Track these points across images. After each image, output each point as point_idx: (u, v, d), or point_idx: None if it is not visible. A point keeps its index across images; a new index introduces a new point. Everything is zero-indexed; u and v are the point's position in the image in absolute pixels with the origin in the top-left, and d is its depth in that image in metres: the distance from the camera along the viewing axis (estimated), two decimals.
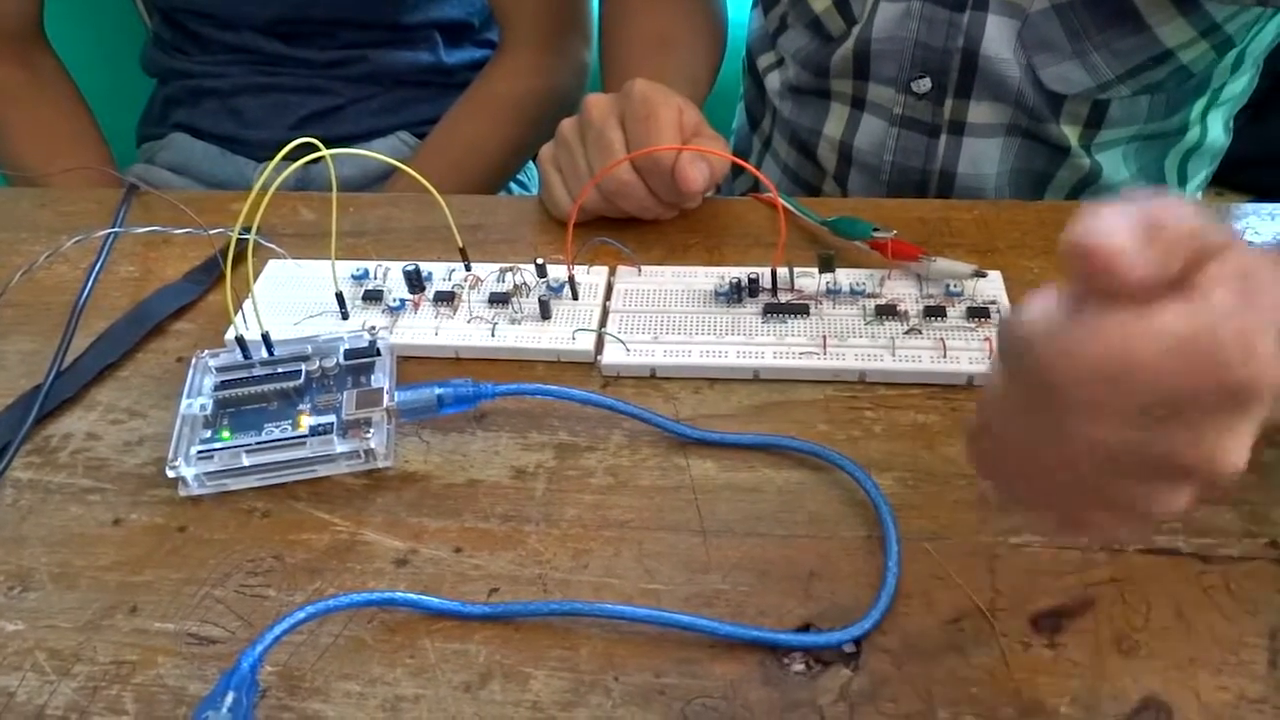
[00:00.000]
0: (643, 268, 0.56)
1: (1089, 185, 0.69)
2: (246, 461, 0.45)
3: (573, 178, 0.59)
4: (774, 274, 0.53)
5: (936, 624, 0.39)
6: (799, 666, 0.38)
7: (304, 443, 0.46)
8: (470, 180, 0.85)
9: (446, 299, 0.55)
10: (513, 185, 1.00)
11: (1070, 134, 0.66)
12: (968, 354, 0.49)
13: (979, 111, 0.66)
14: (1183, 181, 0.74)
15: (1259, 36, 0.66)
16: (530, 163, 1.04)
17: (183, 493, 0.46)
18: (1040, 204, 0.61)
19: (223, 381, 0.48)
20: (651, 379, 0.51)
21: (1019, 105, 0.65)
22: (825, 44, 0.69)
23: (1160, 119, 0.67)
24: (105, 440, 0.49)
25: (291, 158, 0.46)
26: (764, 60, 0.77)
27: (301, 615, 0.38)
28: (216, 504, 0.46)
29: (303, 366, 0.49)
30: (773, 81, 0.76)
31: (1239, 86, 0.71)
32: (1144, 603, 0.39)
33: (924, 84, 0.66)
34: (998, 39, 0.63)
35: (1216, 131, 0.73)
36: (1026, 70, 0.63)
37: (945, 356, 0.49)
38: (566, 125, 0.61)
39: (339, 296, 0.54)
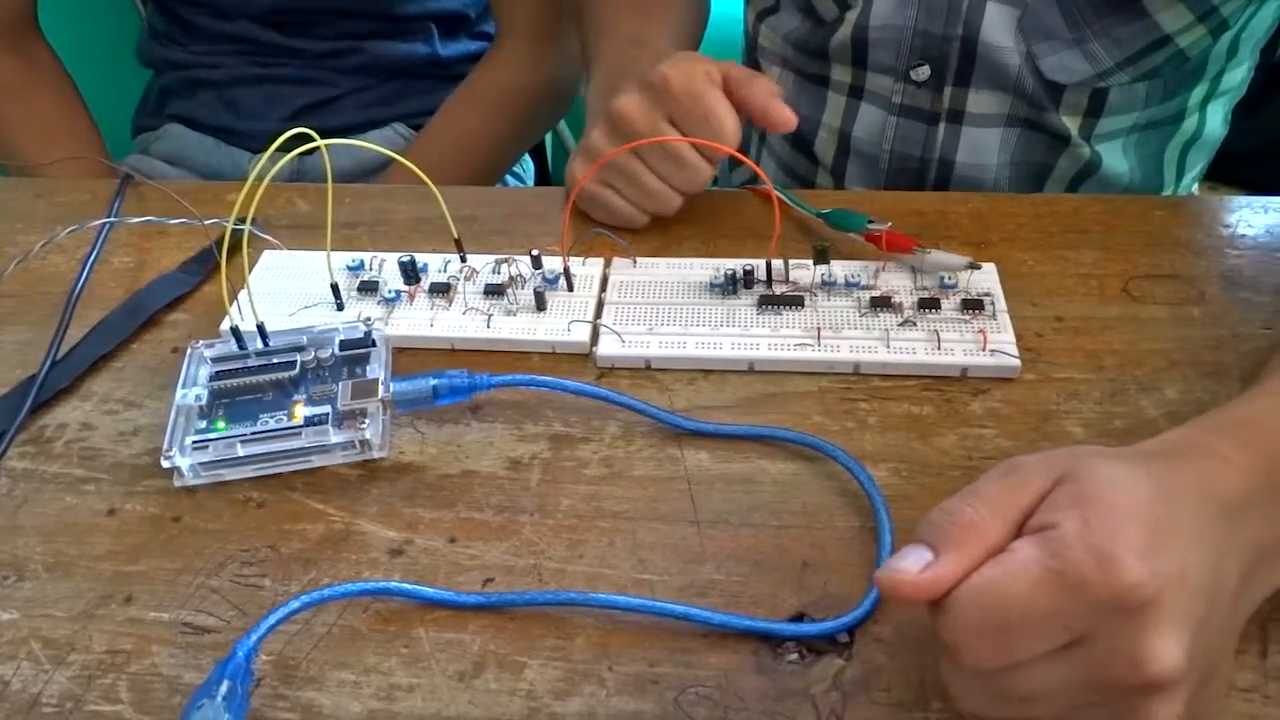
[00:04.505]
0: (638, 259, 0.56)
1: (1089, 176, 0.69)
2: (241, 452, 0.45)
3: (639, 191, 0.57)
4: (769, 266, 0.53)
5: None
6: (792, 656, 0.38)
7: (299, 433, 0.46)
8: (466, 172, 0.85)
9: (442, 290, 0.55)
10: (509, 177, 1.00)
11: (1070, 124, 0.66)
12: (962, 346, 0.49)
13: (978, 100, 0.66)
14: (1181, 173, 0.74)
15: (1254, 23, 0.66)
16: (526, 155, 1.04)
17: (178, 483, 0.46)
18: (1036, 197, 0.61)
19: (218, 372, 0.48)
20: (646, 370, 0.51)
21: (1018, 94, 0.65)
22: (818, 28, 0.69)
23: (1158, 104, 0.67)
24: (100, 430, 0.50)
25: (286, 148, 0.46)
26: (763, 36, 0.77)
27: (296, 605, 0.39)
28: (211, 494, 0.46)
29: (298, 357, 0.49)
30: (770, 69, 0.76)
31: (1237, 77, 0.71)
32: None
33: (923, 72, 0.66)
34: (997, 26, 0.63)
35: (1215, 123, 0.73)
36: (1026, 59, 0.63)
37: (939, 348, 0.49)
38: (602, 139, 0.58)
39: (334, 287, 0.54)
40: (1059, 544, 0.29)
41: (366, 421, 0.46)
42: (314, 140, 0.47)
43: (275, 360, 0.49)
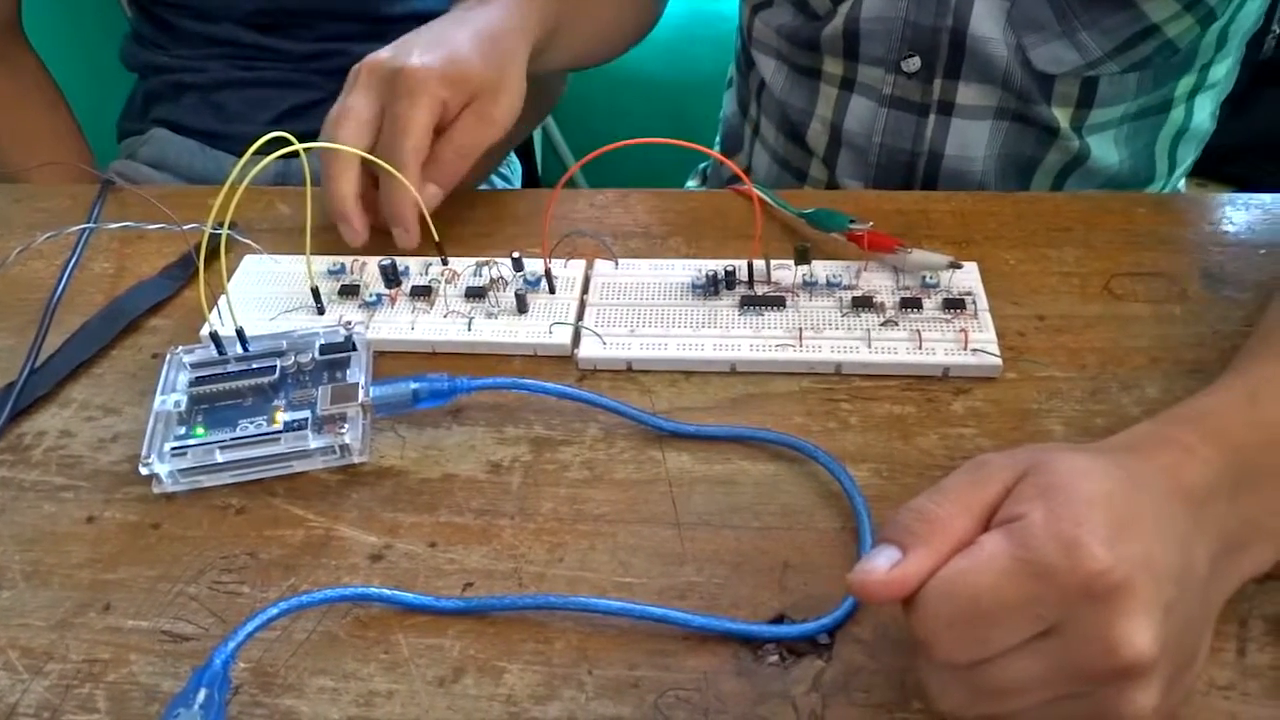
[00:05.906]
0: (619, 261, 0.56)
1: (1077, 167, 0.69)
2: (221, 458, 0.45)
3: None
4: (750, 266, 0.53)
5: None
6: (773, 658, 0.38)
7: (279, 438, 0.46)
8: None
9: (423, 293, 0.54)
10: (495, 178, 0.99)
11: (1061, 115, 0.67)
12: (943, 345, 0.49)
13: (968, 93, 0.66)
14: (1172, 166, 0.75)
15: (1242, 14, 0.67)
16: (513, 155, 1.04)
17: (157, 490, 0.46)
18: (1018, 195, 0.61)
19: (197, 378, 0.48)
20: (628, 372, 0.51)
21: (1007, 87, 0.65)
22: (810, 21, 0.69)
23: (1148, 93, 0.67)
24: (79, 437, 0.49)
25: (266, 152, 0.46)
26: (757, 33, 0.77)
27: (275, 611, 0.38)
28: (190, 501, 0.46)
29: (278, 362, 0.48)
30: (765, 61, 0.76)
31: (1223, 69, 0.71)
32: None
33: (913, 63, 0.66)
34: (986, 18, 0.63)
35: (1203, 116, 0.73)
36: (1016, 50, 0.64)
37: (921, 348, 0.49)
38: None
39: (314, 291, 0.54)
40: (1025, 534, 0.29)
41: (346, 426, 0.46)
42: (292, 144, 0.47)
43: (255, 365, 0.48)
